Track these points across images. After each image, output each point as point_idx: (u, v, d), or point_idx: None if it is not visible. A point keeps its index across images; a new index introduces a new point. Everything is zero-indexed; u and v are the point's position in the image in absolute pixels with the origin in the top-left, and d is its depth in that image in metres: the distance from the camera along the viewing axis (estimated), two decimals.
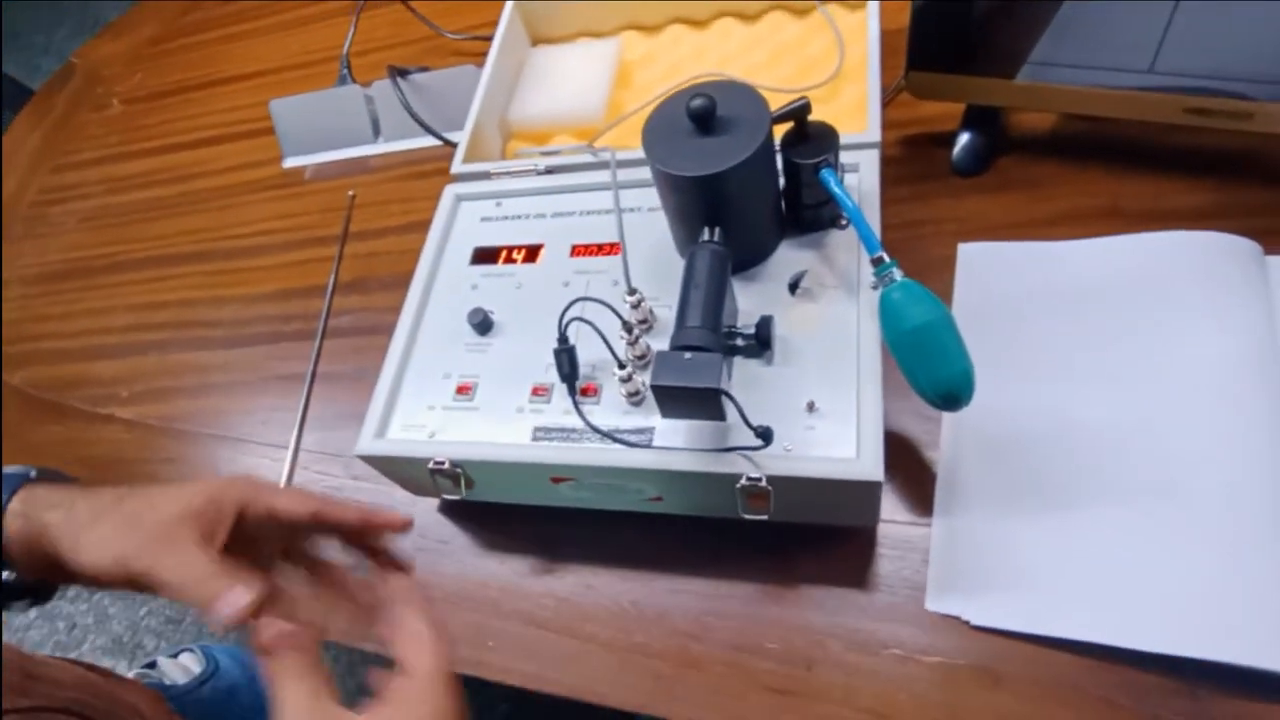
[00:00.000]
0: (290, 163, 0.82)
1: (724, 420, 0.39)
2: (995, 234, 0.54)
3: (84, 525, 0.36)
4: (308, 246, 0.74)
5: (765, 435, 0.38)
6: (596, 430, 0.43)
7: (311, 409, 0.63)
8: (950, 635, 0.42)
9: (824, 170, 0.42)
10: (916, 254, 0.55)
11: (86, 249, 0.86)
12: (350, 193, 0.76)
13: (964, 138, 0.57)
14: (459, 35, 0.81)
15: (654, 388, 0.38)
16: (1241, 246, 0.47)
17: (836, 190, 0.42)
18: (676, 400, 0.38)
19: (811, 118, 0.43)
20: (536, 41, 0.73)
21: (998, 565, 0.43)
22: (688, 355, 0.38)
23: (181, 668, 0.54)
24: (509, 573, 0.52)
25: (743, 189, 0.42)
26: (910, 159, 0.60)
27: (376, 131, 0.78)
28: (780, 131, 0.44)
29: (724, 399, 0.37)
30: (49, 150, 1.01)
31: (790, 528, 0.46)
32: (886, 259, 0.40)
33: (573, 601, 0.49)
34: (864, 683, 0.42)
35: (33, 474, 0.40)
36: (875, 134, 0.49)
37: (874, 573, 0.45)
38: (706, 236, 0.43)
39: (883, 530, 0.46)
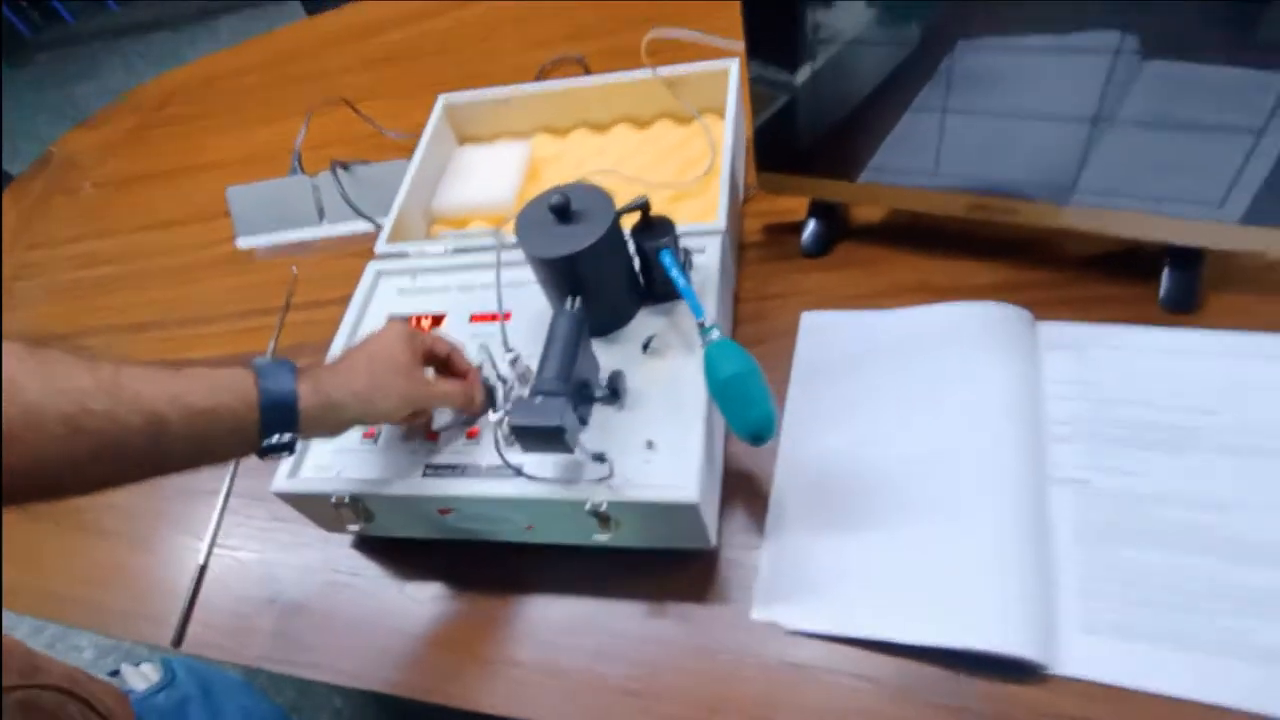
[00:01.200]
0: (242, 243, 0.91)
1: (572, 453, 0.48)
2: (834, 305, 0.64)
3: (361, 388, 0.47)
4: (253, 316, 0.82)
5: (600, 458, 0.47)
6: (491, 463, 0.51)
7: (251, 464, 0.70)
8: (770, 639, 0.49)
9: (663, 252, 0.52)
10: (769, 321, 0.65)
11: (51, 318, 0.94)
12: (294, 269, 0.85)
13: (810, 225, 0.68)
14: (397, 134, 0.92)
15: (512, 426, 0.46)
16: (1017, 314, 0.58)
17: (670, 268, 0.52)
18: (530, 436, 0.47)
19: (685, 209, 0.54)
20: (463, 140, 0.85)
21: (810, 579, 0.51)
22: (539, 400, 0.46)
23: (142, 675, 0.59)
24: (407, 599, 0.58)
25: (593, 267, 0.51)
26: (769, 243, 0.71)
27: (321, 215, 0.88)
28: (632, 221, 0.54)
29: (567, 434, 0.46)
30: (24, 230, 1.10)
31: (643, 553, 0.53)
32: (708, 323, 0.50)
33: (458, 621, 0.56)
34: (701, 683, 0.49)
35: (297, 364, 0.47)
36: (721, 224, 0.60)
37: (713, 590, 0.52)
38: (567, 306, 0.52)
39: (724, 553, 0.54)
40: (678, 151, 0.76)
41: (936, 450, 0.53)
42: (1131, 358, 0.55)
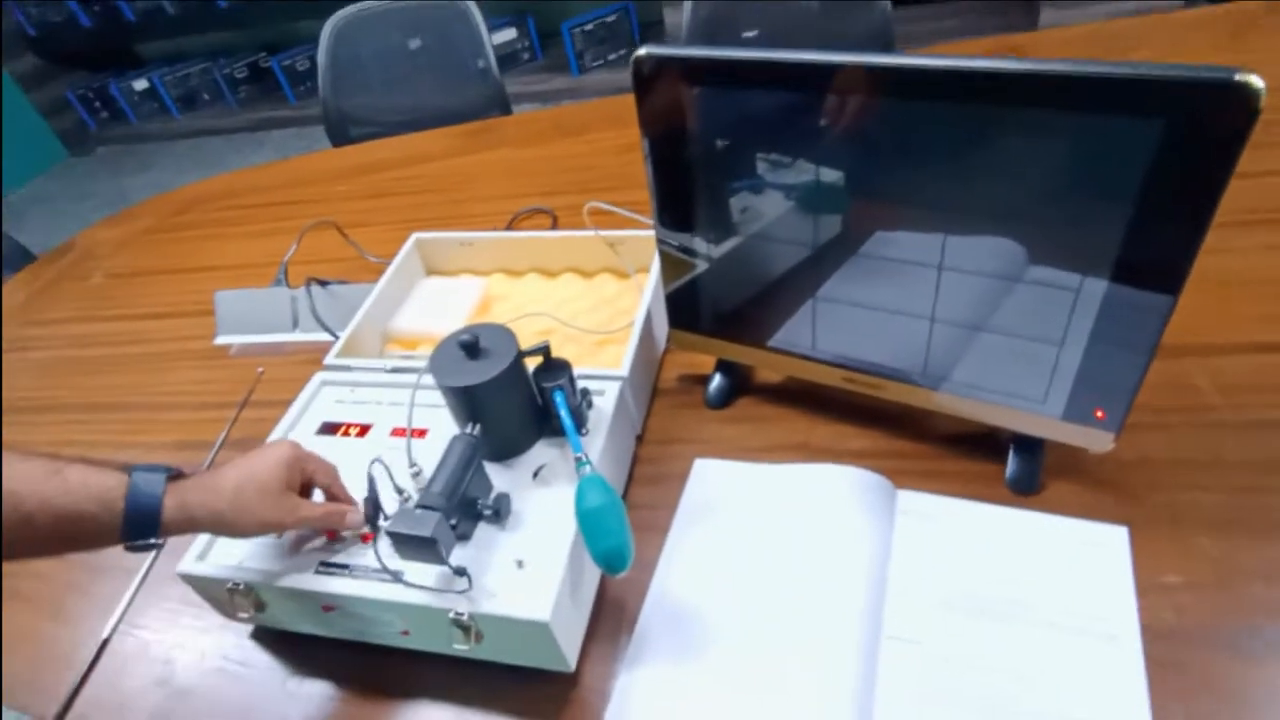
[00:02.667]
0: (220, 340, 0.99)
1: (443, 564, 0.52)
2: (726, 454, 0.71)
3: (223, 509, 0.52)
4: (213, 409, 0.89)
5: (461, 571, 0.51)
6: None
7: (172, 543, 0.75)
8: None
9: (556, 391, 0.59)
10: (667, 464, 0.71)
11: (29, 390, 1.01)
12: (260, 369, 0.93)
13: (716, 380, 0.76)
14: (377, 259, 1.03)
15: (388, 532, 0.51)
16: (878, 481, 0.64)
17: (559, 407, 0.59)
18: (406, 544, 0.52)
19: (608, 354, 0.61)
20: (430, 272, 0.95)
21: (653, 714, 0.54)
22: (418, 511, 0.52)
23: None
24: (287, 694, 0.61)
25: (491, 398, 0.58)
26: (680, 391, 0.78)
27: (294, 324, 0.97)
28: (536, 362, 0.62)
29: (439, 545, 0.51)
30: (30, 308, 1.19)
31: (510, 669, 0.57)
32: (583, 458, 0.56)
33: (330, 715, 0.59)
34: None
35: (170, 472, 0.52)
36: (624, 372, 0.68)
37: (567, 713, 0.55)
38: (467, 430, 0.58)
39: (585, 679, 0.57)
40: (613, 302, 0.85)
41: (788, 601, 0.58)
42: (974, 532, 0.60)
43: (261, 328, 0.98)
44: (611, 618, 0.60)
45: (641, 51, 0.57)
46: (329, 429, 0.70)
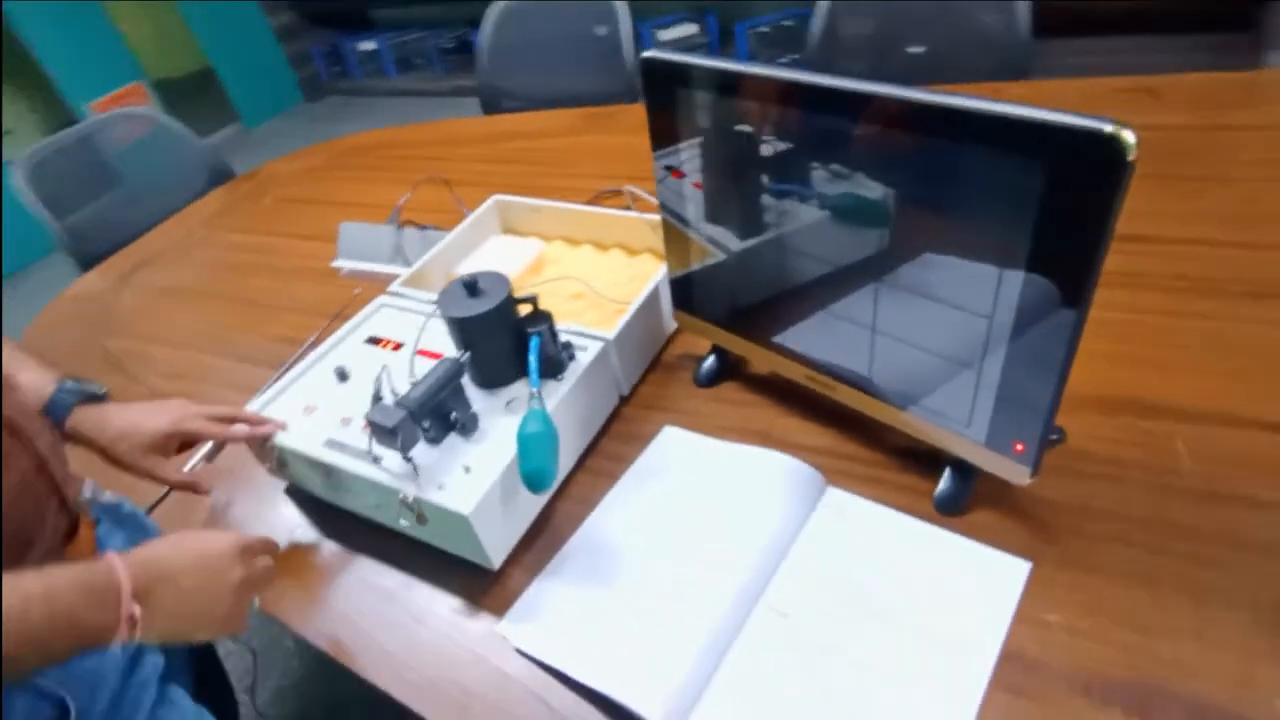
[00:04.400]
0: (336, 263, 1.19)
1: (403, 454, 0.64)
2: (696, 428, 0.77)
3: (104, 446, 0.68)
4: (313, 315, 1.08)
5: (409, 460, 0.63)
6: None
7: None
8: (499, 649, 0.61)
9: (534, 336, 0.69)
10: (642, 425, 0.79)
11: (194, 279, 1.26)
12: (357, 290, 1.10)
13: (709, 361, 0.82)
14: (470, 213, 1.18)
15: (366, 418, 0.64)
16: (811, 475, 0.68)
17: (531, 350, 0.68)
18: (377, 431, 0.64)
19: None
20: (506, 229, 1.08)
21: (550, 619, 0.62)
22: (392, 407, 0.64)
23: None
24: (292, 539, 0.76)
25: (478, 330, 0.69)
26: (677, 367, 0.85)
27: (393, 257, 1.14)
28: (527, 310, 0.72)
29: (399, 436, 0.63)
30: (216, 218, 1.47)
31: (452, 559, 0.68)
32: (536, 394, 0.65)
33: (328, 568, 0.73)
34: (431, 656, 0.62)
35: (83, 397, 0.69)
36: (610, 335, 0.76)
37: (485, 599, 0.66)
38: (458, 355, 0.70)
39: (508, 579, 0.67)
40: (646, 279, 0.92)
41: (690, 555, 0.64)
42: (882, 535, 0.63)
43: (369, 257, 1.16)
44: (547, 539, 0.70)
45: (648, 53, 0.65)
46: (374, 340, 0.84)
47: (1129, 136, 0.41)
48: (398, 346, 0.82)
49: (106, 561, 0.52)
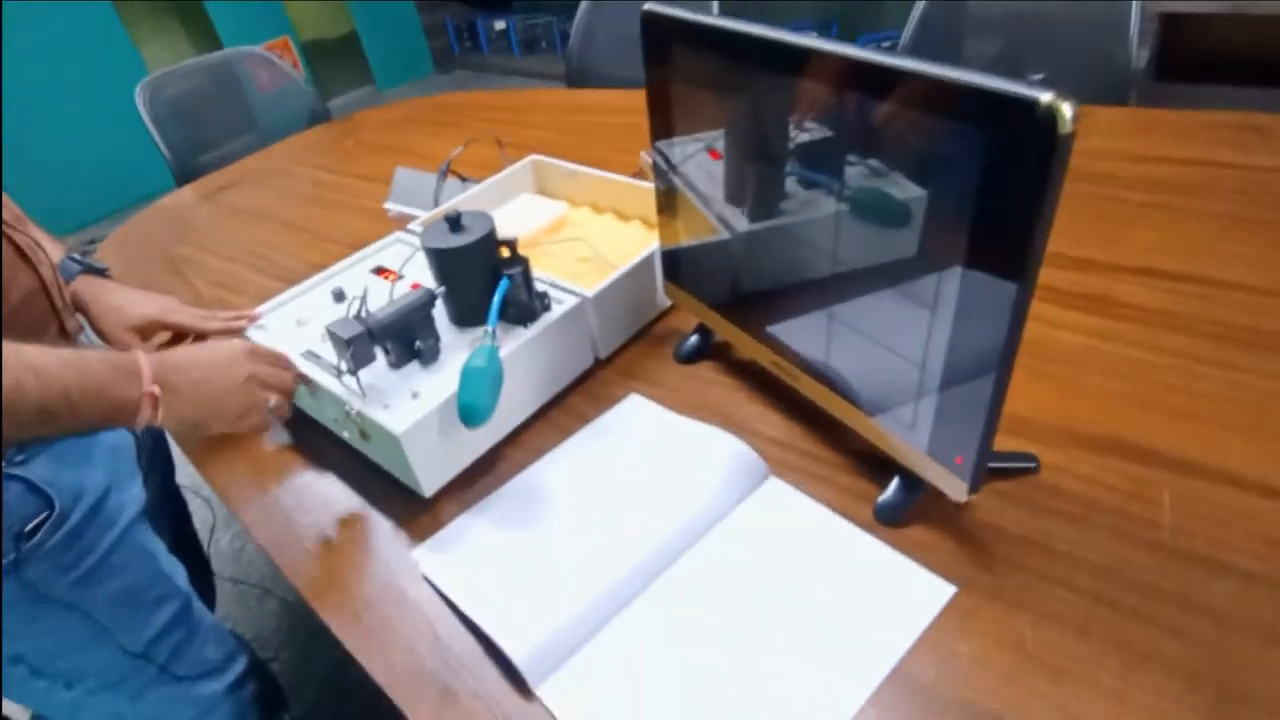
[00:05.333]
0: (386, 204, 1.24)
1: (353, 367, 0.66)
2: (660, 400, 0.76)
3: (93, 315, 0.75)
4: (352, 248, 1.12)
5: (351, 372, 0.65)
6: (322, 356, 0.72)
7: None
8: (408, 571, 0.62)
9: (505, 277, 0.70)
10: (611, 389, 0.78)
11: (268, 203, 1.35)
12: (395, 231, 1.14)
13: (692, 338, 0.81)
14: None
15: (326, 328, 0.66)
16: (752, 460, 0.65)
17: (499, 290, 0.69)
18: (334, 341, 0.66)
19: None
20: (540, 191, 1.09)
21: (459, 551, 0.63)
22: (353, 322, 0.66)
23: None
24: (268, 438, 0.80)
25: (452, 264, 0.70)
26: (662, 339, 0.84)
27: (435, 204, 1.17)
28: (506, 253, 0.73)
29: (351, 350, 0.65)
30: (303, 153, 1.57)
31: (393, 481, 0.70)
32: (490, 332, 0.66)
33: (285, 469, 0.76)
34: (346, 568, 0.64)
35: (85, 269, 0.77)
36: (590, 292, 0.75)
37: (411, 525, 0.67)
38: (435, 286, 0.71)
39: (439, 509, 0.68)
40: None
41: (614, 517, 0.63)
42: (809, 534, 0.60)
43: (415, 202, 1.20)
44: (488, 480, 0.70)
45: (648, 6, 0.64)
46: (378, 270, 0.87)
47: (1067, 108, 0.37)
48: (397, 278, 0.85)
49: (128, 350, 0.59)
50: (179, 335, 0.80)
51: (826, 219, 0.55)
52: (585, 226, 1.00)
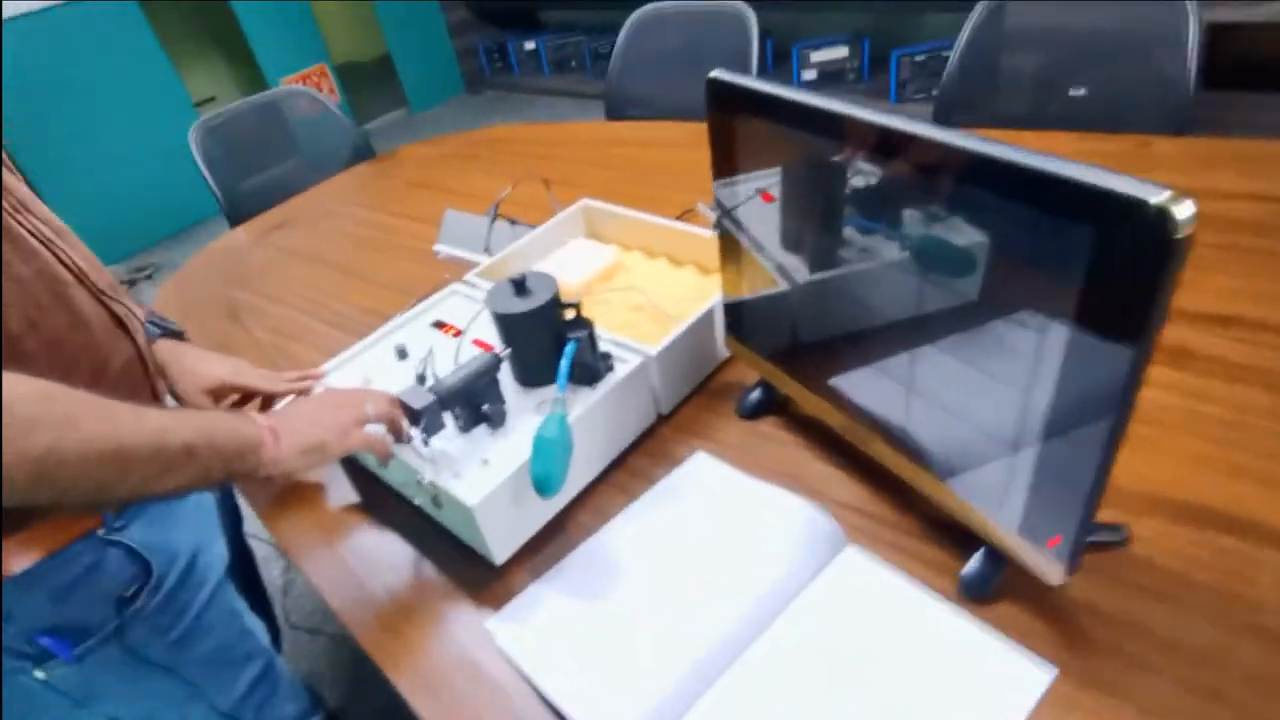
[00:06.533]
0: (436, 247, 1.24)
1: (423, 431, 0.66)
2: (727, 458, 0.75)
3: (174, 375, 0.76)
4: (403, 293, 1.14)
5: (428, 446, 0.65)
6: None
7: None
8: (482, 643, 0.62)
9: (571, 341, 0.69)
10: (675, 447, 0.78)
11: (316, 246, 1.37)
12: (447, 275, 1.15)
13: (755, 393, 0.80)
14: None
15: (398, 396, 0.67)
16: (830, 527, 0.64)
17: (565, 355, 0.69)
18: (406, 409, 0.66)
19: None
20: (590, 235, 1.09)
21: (537, 622, 0.63)
22: (425, 390, 0.66)
23: None
24: (333, 497, 0.81)
25: (519, 328, 0.70)
26: (723, 393, 0.83)
27: (485, 248, 1.18)
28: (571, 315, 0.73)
29: (422, 419, 0.65)
30: (349, 192, 1.59)
31: (461, 546, 0.70)
32: (561, 398, 0.66)
33: (355, 530, 0.77)
34: (419, 631, 0.64)
35: (158, 332, 0.79)
36: (651, 352, 0.75)
37: (483, 593, 0.67)
38: (499, 350, 0.71)
39: (510, 576, 0.68)
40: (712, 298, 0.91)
41: (689, 589, 0.62)
42: (894, 607, 0.58)
43: (465, 245, 1.21)
44: (557, 545, 0.70)
45: (714, 73, 0.63)
46: (438, 325, 0.88)
47: (1182, 210, 0.36)
48: (458, 333, 0.85)
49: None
50: (247, 396, 0.81)
51: (909, 290, 0.54)
52: (638, 273, 1.00)
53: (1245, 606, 0.54)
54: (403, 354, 0.83)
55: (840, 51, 3.18)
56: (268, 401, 0.81)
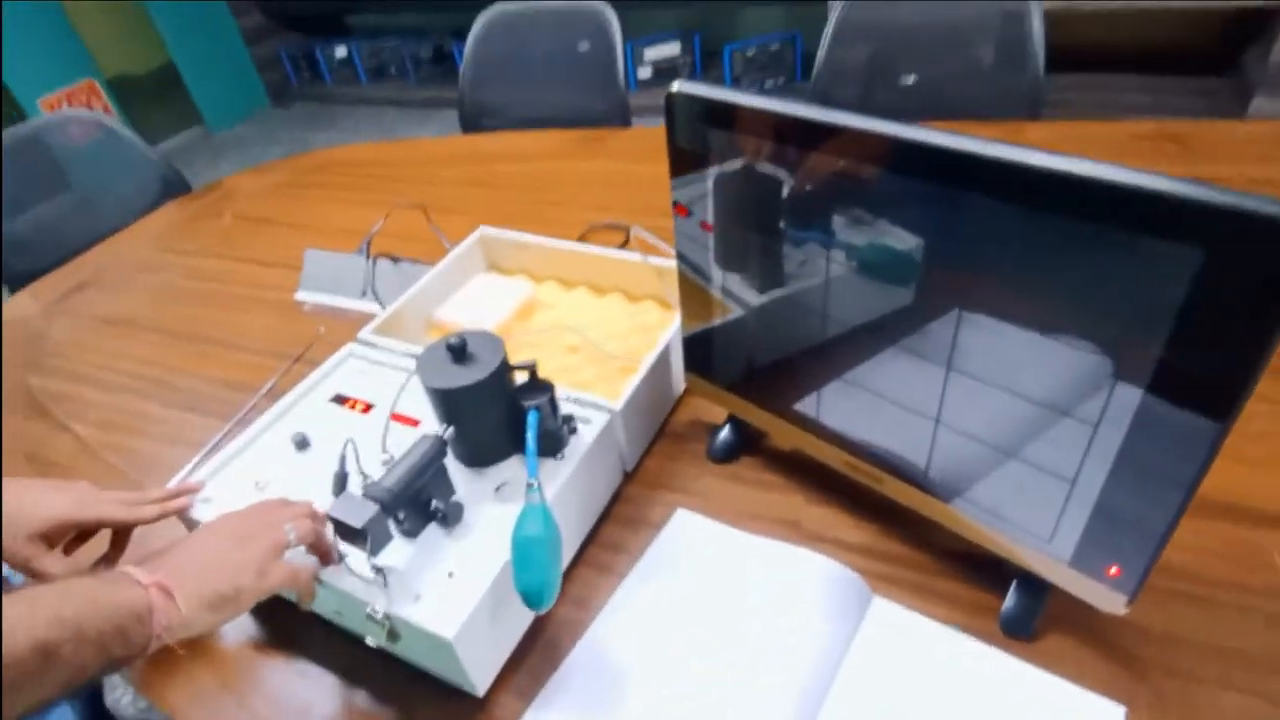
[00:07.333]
0: (299, 295, 1.06)
1: (372, 555, 0.53)
2: (712, 513, 0.67)
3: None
4: (271, 356, 0.95)
5: (378, 570, 0.52)
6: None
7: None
8: None
9: (531, 411, 0.59)
10: (649, 508, 0.69)
11: (139, 308, 1.12)
12: (321, 329, 0.98)
13: (724, 432, 0.72)
14: (453, 246, 1.07)
15: (328, 515, 0.52)
16: (853, 582, 0.58)
17: (529, 427, 0.58)
18: (341, 528, 0.53)
19: (627, 381, 0.60)
20: (491, 267, 0.97)
21: None
22: (361, 499, 0.53)
23: None
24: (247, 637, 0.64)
25: (466, 404, 0.58)
26: (686, 436, 0.75)
27: (363, 292, 1.02)
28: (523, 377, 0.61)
29: (369, 537, 0.51)
30: (168, 236, 1.34)
31: (428, 677, 0.57)
32: (535, 484, 0.55)
33: (272, 678, 0.61)
34: None
35: None
36: (616, 406, 0.66)
37: None
38: (440, 430, 0.59)
39: (494, 707, 0.56)
40: (651, 331, 0.83)
41: (720, 682, 0.54)
42: (944, 663, 0.53)
43: (336, 289, 1.04)
44: (542, 653, 0.59)
45: (675, 88, 0.55)
46: (339, 400, 0.72)
47: None
48: (368, 408, 0.71)
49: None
50: (85, 532, 0.62)
51: (947, 322, 0.49)
52: (560, 308, 0.89)
53: (1270, 592, 0.54)
54: (302, 444, 0.67)
55: (673, 48, 3.19)
56: (120, 536, 0.62)
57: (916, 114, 0.39)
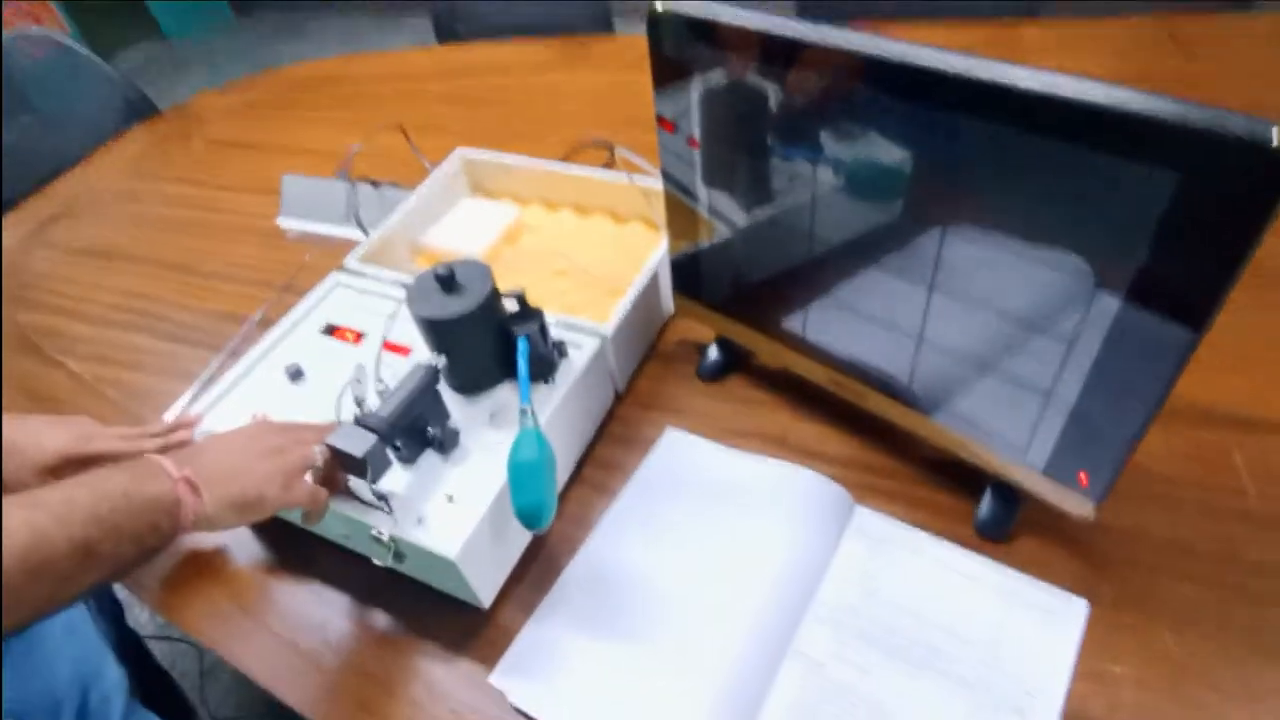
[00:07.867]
0: (281, 222, 1.05)
1: (372, 482, 0.55)
2: (702, 430, 0.69)
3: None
4: (258, 286, 0.95)
5: (384, 498, 0.54)
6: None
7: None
8: (492, 705, 0.54)
9: (521, 338, 0.59)
10: (640, 428, 0.70)
11: (118, 238, 1.11)
12: (307, 256, 0.97)
13: (713, 353, 0.74)
14: (434, 167, 1.04)
15: (327, 443, 0.54)
16: (836, 494, 0.61)
17: (520, 354, 0.58)
18: (341, 457, 0.54)
19: (615, 303, 0.61)
20: (475, 190, 0.95)
21: (550, 667, 0.55)
22: (360, 429, 0.54)
23: None
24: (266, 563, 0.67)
25: (457, 334, 0.59)
26: (677, 357, 0.76)
27: (347, 218, 1.00)
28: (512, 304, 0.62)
29: (368, 465, 0.53)
30: (140, 162, 1.30)
31: (435, 591, 0.60)
32: (528, 410, 0.56)
33: (287, 600, 0.64)
34: (411, 711, 0.54)
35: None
36: (607, 330, 0.66)
37: (472, 644, 0.58)
38: (432, 360, 0.60)
39: (499, 617, 0.59)
40: (638, 252, 0.82)
41: (709, 591, 0.57)
42: (922, 567, 0.57)
43: (318, 216, 1.03)
44: (542, 568, 0.62)
45: (658, 7, 0.53)
46: (330, 330, 0.73)
47: None
48: (359, 338, 0.72)
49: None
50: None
51: (930, 239, 0.49)
52: (546, 231, 0.88)
53: (1228, 493, 0.57)
54: (296, 374, 0.68)
55: None
56: None
57: (915, 11, 0.38)
